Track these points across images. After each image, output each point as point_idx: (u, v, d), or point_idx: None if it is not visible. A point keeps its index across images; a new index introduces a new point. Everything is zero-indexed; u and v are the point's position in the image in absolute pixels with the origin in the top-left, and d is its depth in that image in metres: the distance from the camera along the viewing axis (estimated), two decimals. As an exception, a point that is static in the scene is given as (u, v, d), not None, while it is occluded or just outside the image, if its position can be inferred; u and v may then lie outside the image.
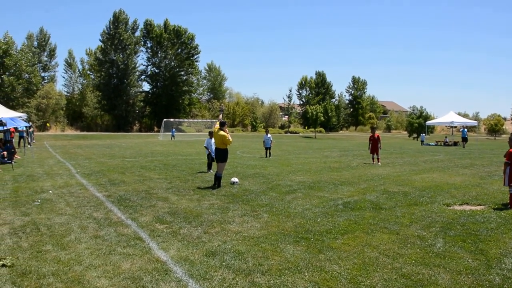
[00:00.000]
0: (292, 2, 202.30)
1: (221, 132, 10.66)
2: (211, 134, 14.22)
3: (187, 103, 69.25)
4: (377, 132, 18.64)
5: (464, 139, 36.04)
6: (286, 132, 73.71)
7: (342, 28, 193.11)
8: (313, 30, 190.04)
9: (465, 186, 11.27)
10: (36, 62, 59.42)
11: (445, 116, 44.05)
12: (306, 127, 72.71)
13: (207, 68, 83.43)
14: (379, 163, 17.36)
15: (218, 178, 10.69)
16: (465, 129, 37.52)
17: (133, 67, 62.94)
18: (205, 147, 14.30)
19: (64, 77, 71.87)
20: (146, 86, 69.75)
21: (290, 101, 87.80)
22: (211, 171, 13.72)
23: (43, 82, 59.89)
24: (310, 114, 63.03)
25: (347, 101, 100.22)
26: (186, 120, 63.89)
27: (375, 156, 17.84)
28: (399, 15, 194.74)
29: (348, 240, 5.93)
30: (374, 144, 17.78)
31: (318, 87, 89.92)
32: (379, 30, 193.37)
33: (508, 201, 8.55)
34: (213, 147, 13.82)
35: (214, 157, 13.72)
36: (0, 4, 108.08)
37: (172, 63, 66.91)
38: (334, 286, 4.33)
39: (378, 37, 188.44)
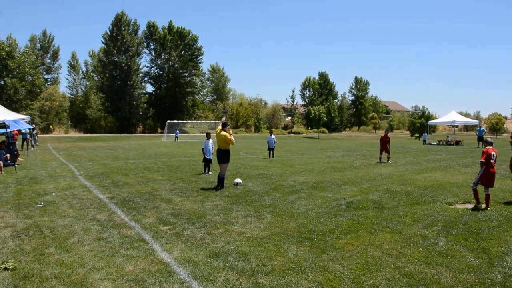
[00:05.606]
0: (296, 5, 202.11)
1: (223, 133, 10.68)
2: (208, 135, 14.24)
3: (191, 104, 69.29)
4: (389, 134, 19.49)
5: (480, 139, 32.38)
6: (289, 133, 73.73)
7: (345, 30, 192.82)
8: (316, 32, 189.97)
9: (467, 185, 11.21)
10: (39, 64, 59.60)
11: (446, 115, 43.94)
12: (309, 128, 72.63)
13: (210, 70, 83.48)
14: (389, 162, 18.31)
15: (221, 179, 10.69)
16: (482, 128, 35.44)
17: (136, 69, 62.98)
18: (202, 148, 14.21)
19: (67, 79, 71.77)
20: (149, 88, 69.90)
21: (293, 101, 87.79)
22: (210, 173, 13.73)
23: (46, 84, 60.04)
24: (313, 114, 62.96)
25: (349, 102, 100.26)
26: (189, 121, 63.90)
27: (383, 155, 18.79)
28: (400, 15, 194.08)
29: (351, 240, 5.93)
30: (384, 144, 18.71)
31: (321, 87, 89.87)
32: (382, 31, 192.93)
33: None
34: (210, 148, 13.88)
35: (208, 158, 13.81)
36: (3, 6, 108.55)
37: (176, 65, 66.92)
38: (338, 286, 4.34)
39: (380, 38, 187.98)
